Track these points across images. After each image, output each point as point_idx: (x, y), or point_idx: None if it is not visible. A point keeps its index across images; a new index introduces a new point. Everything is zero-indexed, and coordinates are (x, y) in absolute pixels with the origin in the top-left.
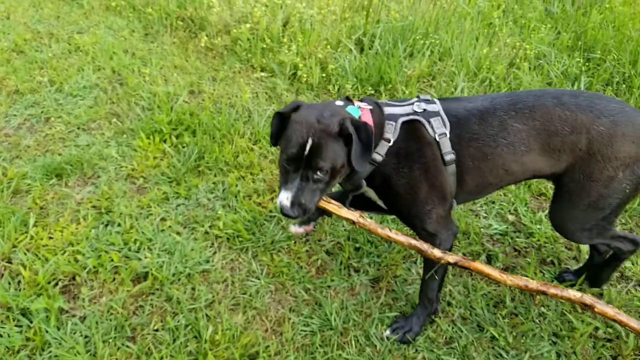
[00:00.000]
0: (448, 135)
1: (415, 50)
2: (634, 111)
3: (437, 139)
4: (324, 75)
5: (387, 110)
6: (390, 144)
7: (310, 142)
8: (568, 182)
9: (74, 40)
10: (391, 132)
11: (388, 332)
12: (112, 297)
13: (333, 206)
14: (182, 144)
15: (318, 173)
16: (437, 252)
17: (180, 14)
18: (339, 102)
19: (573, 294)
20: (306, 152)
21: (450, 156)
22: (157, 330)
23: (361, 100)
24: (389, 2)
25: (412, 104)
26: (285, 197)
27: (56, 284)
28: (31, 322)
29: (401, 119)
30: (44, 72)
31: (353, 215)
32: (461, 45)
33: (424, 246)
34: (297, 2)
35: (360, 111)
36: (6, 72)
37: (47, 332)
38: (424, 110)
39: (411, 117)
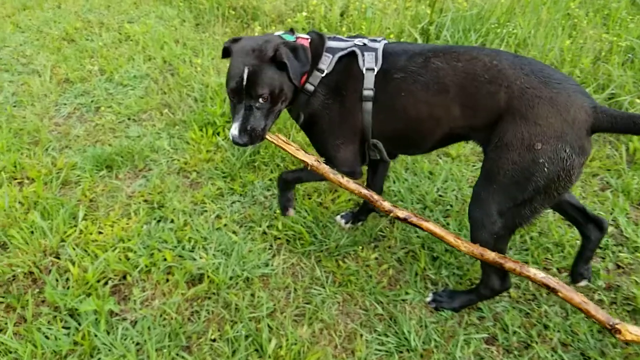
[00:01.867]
0: (375, 70)
1: (488, 40)
2: (579, 90)
3: (364, 73)
4: None
5: (330, 43)
6: (323, 75)
7: (246, 72)
8: (488, 150)
9: (125, 30)
10: (326, 64)
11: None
12: (166, 300)
13: (291, 147)
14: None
15: (260, 100)
16: (386, 205)
17: (232, 3)
18: (279, 32)
19: (535, 272)
20: (244, 82)
21: (368, 92)
22: (214, 340)
23: (308, 33)
24: None
25: (357, 39)
26: (234, 128)
27: (106, 283)
28: (79, 325)
29: (339, 54)
30: (94, 61)
31: (309, 158)
32: (538, 36)
33: (374, 197)
34: None
35: (296, 39)
36: (57, 60)
37: (96, 336)
38: (364, 44)
39: (348, 49)
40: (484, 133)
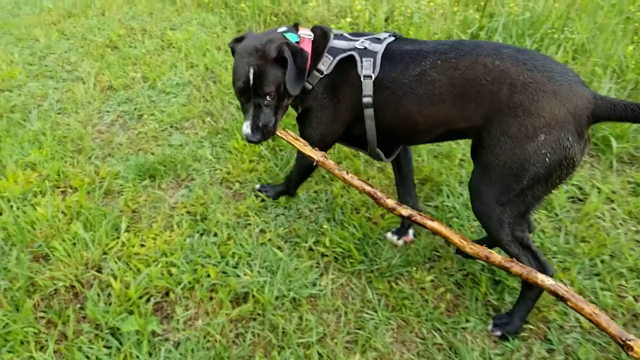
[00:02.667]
0: (373, 77)
1: (543, 46)
2: (579, 81)
3: (362, 80)
4: None
5: (333, 43)
6: (322, 76)
7: (252, 72)
8: (485, 138)
9: (167, 37)
10: (326, 65)
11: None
12: (210, 320)
13: (299, 143)
14: (279, 147)
15: (267, 98)
16: (390, 202)
17: (274, 9)
18: (282, 29)
19: (543, 278)
20: (251, 82)
21: (367, 99)
22: None
23: (312, 30)
24: None
25: (361, 39)
26: (246, 126)
27: (148, 300)
28: (121, 344)
29: (339, 56)
30: (137, 68)
31: (316, 154)
32: (598, 41)
33: (378, 194)
34: None
35: (300, 39)
36: (100, 67)
37: (138, 358)
38: (365, 48)
39: (348, 53)
40: (482, 129)
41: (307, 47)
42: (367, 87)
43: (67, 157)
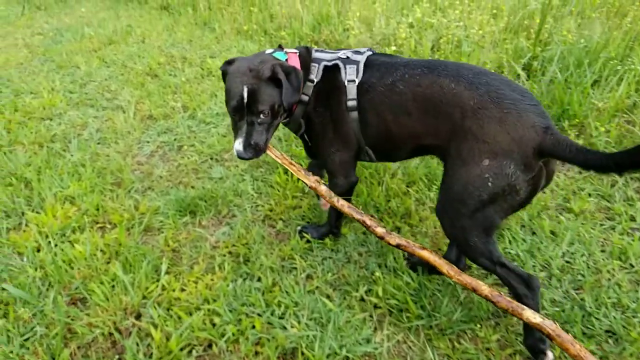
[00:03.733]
0: (357, 82)
1: (602, 77)
2: (533, 110)
3: (346, 84)
4: None
5: (316, 55)
6: (314, 84)
7: (246, 90)
8: (446, 158)
9: (206, 65)
10: (315, 73)
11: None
12: None
13: (294, 168)
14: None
15: (260, 116)
16: (379, 230)
17: (315, 37)
18: (269, 50)
19: (529, 315)
20: (245, 100)
21: (352, 102)
22: None
23: (296, 48)
24: (558, 23)
25: (343, 52)
26: (238, 143)
27: (190, 352)
28: None
29: (323, 63)
30: (177, 97)
31: (309, 179)
32: None
33: (367, 222)
34: (451, 23)
35: (287, 55)
36: (140, 95)
37: None
38: (347, 57)
39: (332, 62)
40: (444, 149)
41: (295, 61)
42: (351, 91)
43: (107, 190)
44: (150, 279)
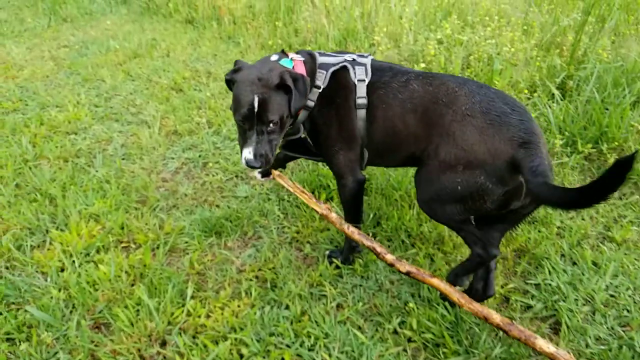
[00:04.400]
0: (366, 81)
1: None
2: (517, 124)
3: (356, 83)
4: None
5: (321, 60)
6: (320, 90)
7: (257, 99)
8: (427, 156)
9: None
10: (322, 79)
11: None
12: None
13: (305, 196)
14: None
15: (271, 125)
16: (389, 257)
17: None
18: (274, 57)
19: (542, 344)
20: (256, 109)
21: (361, 100)
22: None
23: (296, 53)
24: (592, 40)
25: (347, 55)
26: (248, 152)
27: None
28: None
29: (332, 69)
30: (202, 113)
31: (319, 207)
32: None
33: (378, 249)
34: (482, 40)
35: (293, 62)
36: (165, 110)
37: None
38: (353, 60)
39: (340, 64)
40: (425, 150)
41: (302, 68)
42: (361, 89)
43: (131, 208)
44: (175, 303)
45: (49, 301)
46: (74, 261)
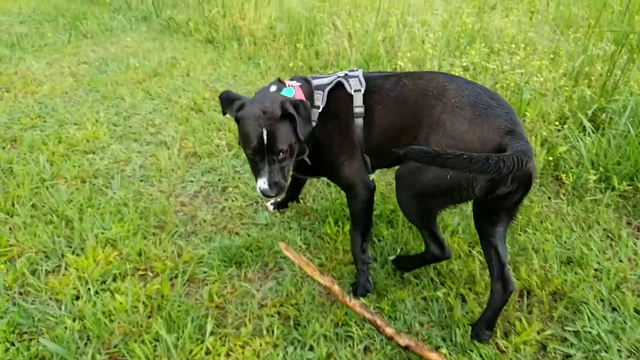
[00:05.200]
0: (362, 91)
1: None
2: (504, 116)
3: (352, 94)
4: (550, 158)
5: (315, 82)
6: (320, 110)
7: (265, 132)
8: (419, 140)
9: None
10: (320, 100)
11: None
12: None
13: (309, 268)
14: (377, 237)
15: (281, 154)
16: (388, 330)
17: None
18: (273, 88)
19: None
20: (265, 142)
21: (359, 109)
22: None
23: (291, 79)
24: (625, 72)
25: (338, 73)
26: (262, 182)
27: None
28: None
29: (328, 87)
30: (222, 135)
31: (323, 279)
32: None
33: (378, 322)
34: (510, 68)
35: (293, 89)
36: (185, 131)
37: None
38: (346, 75)
39: (335, 82)
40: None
41: (301, 94)
42: (358, 98)
43: (149, 234)
44: (194, 340)
45: (62, 332)
46: (89, 289)
